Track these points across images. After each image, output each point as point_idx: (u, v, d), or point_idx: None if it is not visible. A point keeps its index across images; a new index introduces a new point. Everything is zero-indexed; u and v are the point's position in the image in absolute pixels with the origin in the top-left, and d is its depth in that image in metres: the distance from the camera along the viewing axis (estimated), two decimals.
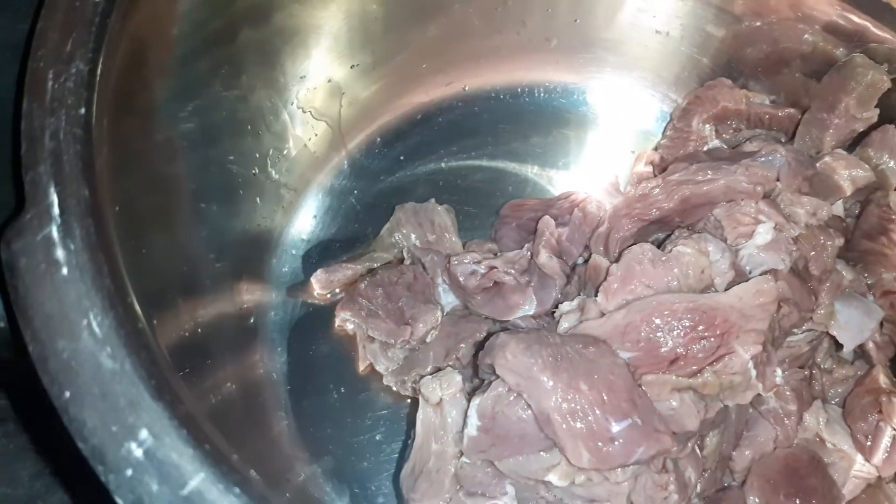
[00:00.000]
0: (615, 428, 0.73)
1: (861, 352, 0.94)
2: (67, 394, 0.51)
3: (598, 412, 0.74)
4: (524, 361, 0.75)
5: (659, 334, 0.78)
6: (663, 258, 0.82)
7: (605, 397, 0.74)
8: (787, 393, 0.89)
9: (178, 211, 0.84)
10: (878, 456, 0.87)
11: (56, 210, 0.56)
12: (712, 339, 0.77)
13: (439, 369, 0.91)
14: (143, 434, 0.50)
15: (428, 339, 0.96)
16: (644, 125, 1.15)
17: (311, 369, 0.99)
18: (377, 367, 0.97)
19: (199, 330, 0.81)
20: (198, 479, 0.50)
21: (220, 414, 0.83)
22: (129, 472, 0.50)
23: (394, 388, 0.96)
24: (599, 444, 0.73)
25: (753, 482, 0.87)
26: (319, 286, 1.02)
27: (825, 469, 0.88)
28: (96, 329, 0.52)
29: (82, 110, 0.60)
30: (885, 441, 0.87)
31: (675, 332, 0.77)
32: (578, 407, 0.73)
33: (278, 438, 0.94)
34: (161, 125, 0.79)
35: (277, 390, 0.97)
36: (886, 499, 0.88)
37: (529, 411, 0.76)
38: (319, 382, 0.98)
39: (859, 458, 0.88)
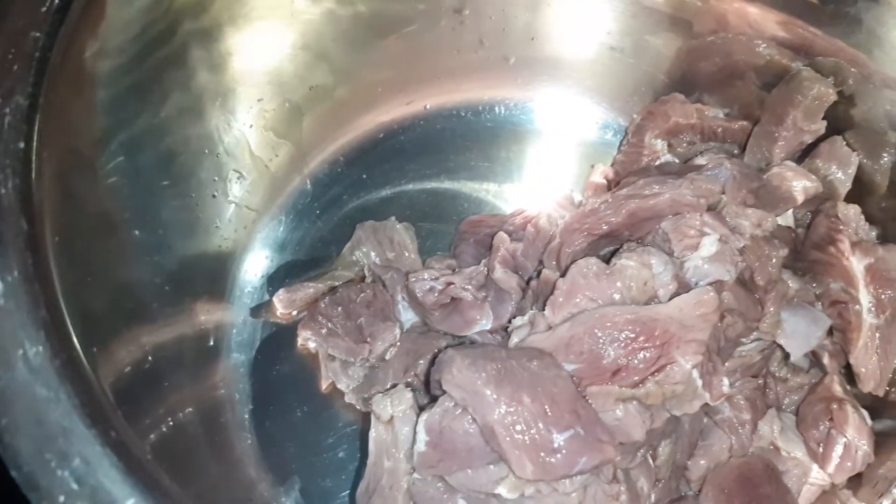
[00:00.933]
0: (557, 439, 0.75)
1: (816, 360, 0.96)
2: (3, 421, 0.52)
3: (540, 424, 0.75)
4: (468, 376, 0.76)
5: (601, 346, 0.79)
6: (607, 271, 0.83)
7: (548, 409, 0.76)
8: (741, 402, 0.90)
9: (126, 239, 0.85)
10: (831, 464, 0.88)
11: None
12: (652, 350, 0.79)
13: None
14: (76, 461, 0.51)
15: (387, 357, 0.97)
16: (601, 140, 1.17)
17: (275, 389, 1.00)
18: (338, 386, 0.98)
19: (152, 354, 0.83)
20: None
21: (178, 436, 0.85)
22: (62, 498, 0.51)
23: (356, 406, 0.97)
24: (542, 454, 0.74)
25: (708, 491, 0.88)
26: (282, 306, 1.03)
27: (779, 477, 0.89)
28: (31, 359, 0.54)
29: (21, 144, 0.61)
30: (838, 449, 0.88)
31: (616, 344, 0.79)
32: (521, 419, 0.75)
33: (241, 459, 0.95)
34: (107, 156, 0.80)
35: (240, 411, 0.98)
36: None
37: (475, 425, 0.77)
38: (283, 402, 1.00)
39: (815, 465, 0.89)
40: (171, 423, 0.83)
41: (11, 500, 0.52)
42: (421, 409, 0.84)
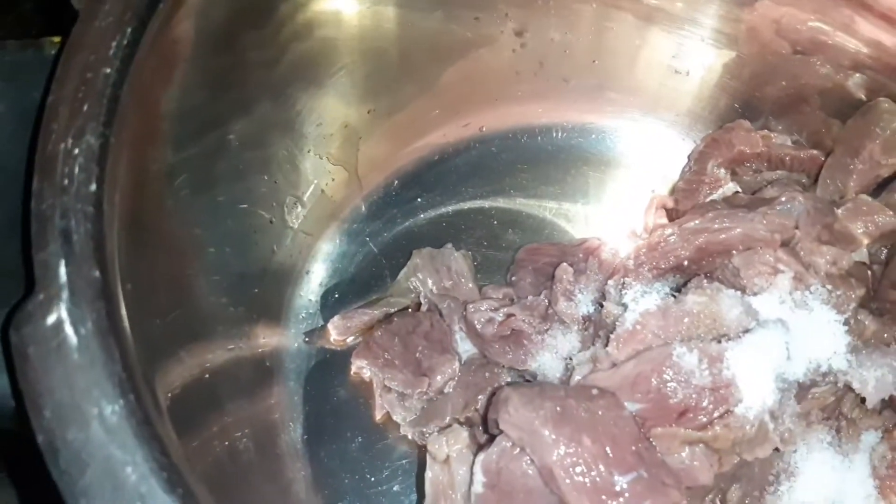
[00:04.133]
0: (620, 481, 0.72)
1: (890, 403, 0.92)
2: (78, 486, 0.50)
3: (601, 466, 0.72)
4: (525, 416, 0.74)
5: (669, 385, 0.76)
6: (675, 307, 0.81)
7: (609, 451, 0.73)
8: None
9: (192, 271, 0.84)
10: None
11: (66, 293, 0.55)
12: (722, 391, 0.76)
13: (458, 420, 0.91)
14: None
15: (446, 390, 0.95)
16: (662, 166, 1.13)
17: (328, 416, 0.99)
18: (394, 417, 0.96)
19: (212, 378, 0.81)
20: None
21: (234, 463, 0.83)
22: None
23: (410, 438, 0.95)
24: (604, 497, 0.71)
25: None
26: (336, 332, 1.02)
27: None
28: (107, 418, 0.52)
29: (93, 187, 0.59)
30: None
31: (684, 384, 0.76)
32: (581, 460, 0.72)
33: (293, 488, 0.93)
34: (175, 189, 0.78)
35: (293, 437, 0.97)
36: None
37: (534, 466, 0.75)
38: (337, 430, 0.98)
39: None
40: (227, 449, 0.81)
41: None
42: (480, 446, 0.82)
